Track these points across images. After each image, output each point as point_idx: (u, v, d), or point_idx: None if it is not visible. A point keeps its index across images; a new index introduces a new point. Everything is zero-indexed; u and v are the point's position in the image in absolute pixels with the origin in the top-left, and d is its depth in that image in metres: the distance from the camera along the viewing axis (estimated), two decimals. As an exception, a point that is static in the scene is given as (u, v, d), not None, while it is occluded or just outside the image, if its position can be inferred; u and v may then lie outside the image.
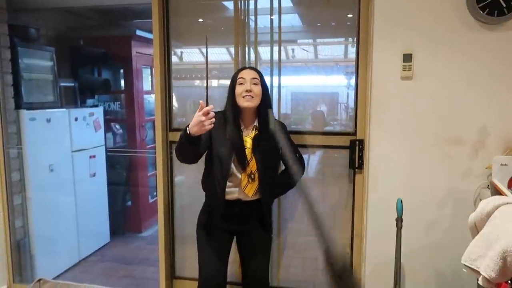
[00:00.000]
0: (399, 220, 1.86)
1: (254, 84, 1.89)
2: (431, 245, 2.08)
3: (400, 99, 2.05)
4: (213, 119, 1.67)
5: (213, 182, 1.92)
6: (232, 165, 1.90)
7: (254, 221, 2.01)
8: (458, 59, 1.97)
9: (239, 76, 1.92)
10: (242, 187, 1.91)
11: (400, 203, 1.86)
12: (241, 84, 1.89)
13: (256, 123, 1.95)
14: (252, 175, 1.90)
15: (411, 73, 2.01)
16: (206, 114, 1.64)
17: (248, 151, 1.90)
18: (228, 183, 1.91)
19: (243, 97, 1.87)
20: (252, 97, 1.87)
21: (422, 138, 2.04)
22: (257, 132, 1.94)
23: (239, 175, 1.90)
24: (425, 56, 1.99)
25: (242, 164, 1.89)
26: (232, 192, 1.93)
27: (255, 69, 1.99)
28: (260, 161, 1.90)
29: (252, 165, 1.90)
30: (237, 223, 2.00)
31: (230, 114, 1.92)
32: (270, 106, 2.00)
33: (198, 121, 1.64)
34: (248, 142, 1.91)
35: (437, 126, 2.02)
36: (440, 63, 1.99)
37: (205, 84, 2.10)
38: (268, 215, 2.03)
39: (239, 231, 2.05)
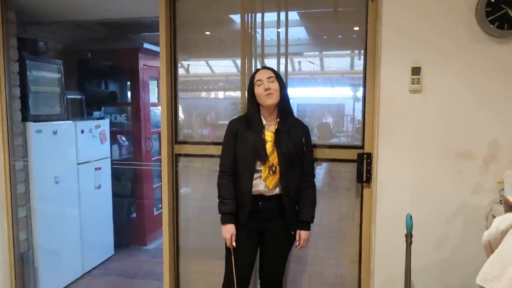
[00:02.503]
0: (409, 236, 1.82)
1: (271, 82, 2.00)
2: (441, 261, 2.03)
3: (408, 113, 2.02)
4: (234, 244, 2.01)
5: (239, 180, 2.02)
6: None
7: (277, 219, 2.05)
8: (467, 72, 1.95)
9: (256, 78, 2.03)
10: (262, 179, 1.98)
11: (409, 218, 1.82)
12: (259, 85, 2.00)
13: (278, 119, 2.04)
14: (273, 167, 1.97)
15: (420, 86, 1.99)
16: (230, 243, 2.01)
17: (269, 144, 1.99)
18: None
19: (265, 96, 1.97)
20: (272, 94, 1.98)
21: (431, 152, 2.01)
22: (278, 126, 2.02)
23: (260, 167, 1.98)
24: (434, 69, 1.97)
25: (261, 156, 1.96)
26: (254, 185, 2.00)
27: (269, 68, 2.11)
28: (281, 154, 1.97)
29: (273, 158, 1.98)
30: (260, 220, 2.04)
31: (252, 113, 2.03)
32: (288, 99, 2.08)
33: (225, 237, 2.02)
34: (269, 136, 2.01)
35: (447, 140, 1.99)
36: (449, 76, 1.97)
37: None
38: (289, 212, 2.04)
39: (262, 229, 2.07)
